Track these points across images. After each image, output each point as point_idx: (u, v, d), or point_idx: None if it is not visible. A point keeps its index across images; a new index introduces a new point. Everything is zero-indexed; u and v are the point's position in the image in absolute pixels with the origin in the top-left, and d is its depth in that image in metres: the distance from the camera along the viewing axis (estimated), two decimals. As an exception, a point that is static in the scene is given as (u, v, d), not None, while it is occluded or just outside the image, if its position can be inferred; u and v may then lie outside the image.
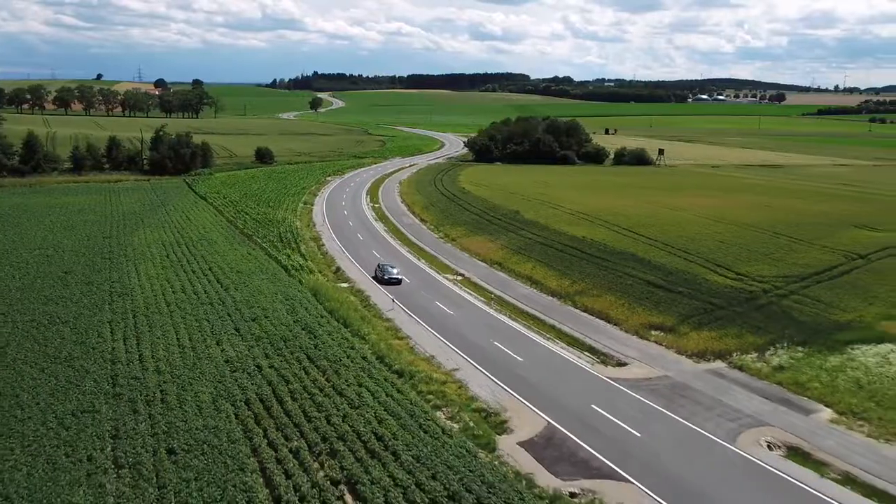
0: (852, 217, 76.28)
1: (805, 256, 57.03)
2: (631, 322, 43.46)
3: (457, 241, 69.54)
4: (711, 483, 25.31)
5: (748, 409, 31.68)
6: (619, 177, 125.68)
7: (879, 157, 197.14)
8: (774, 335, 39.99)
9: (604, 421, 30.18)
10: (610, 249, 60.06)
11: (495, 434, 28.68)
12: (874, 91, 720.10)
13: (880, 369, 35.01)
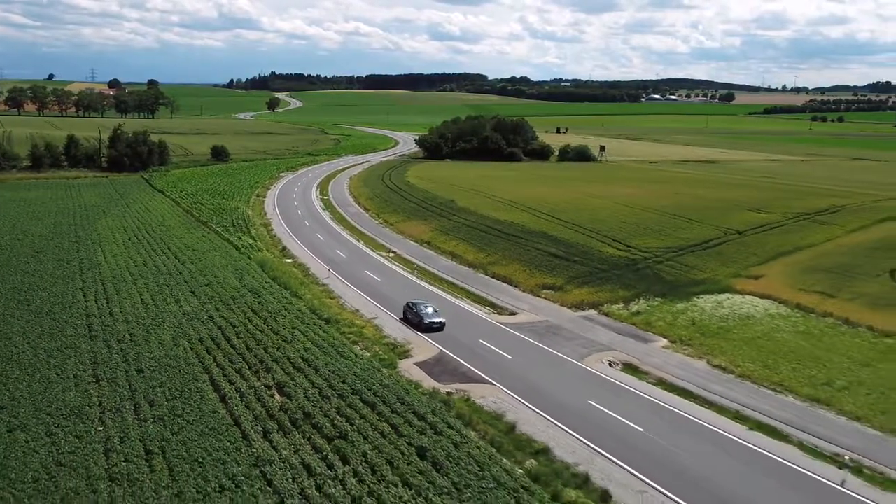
0: (749, 202, 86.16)
1: (690, 233, 66.35)
2: (528, 284, 51.90)
3: (394, 226, 77.39)
4: (554, 384, 33.63)
5: (602, 340, 40.26)
6: (556, 171, 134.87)
7: (811, 153, 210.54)
8: (640, 290, 48.84)
9: (486, 349, 38.40)
10: (526, 229, 68.58)
11: (398, 358, 36.64)
12: (821, 91, 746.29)
13: (713, 311, 44.02)
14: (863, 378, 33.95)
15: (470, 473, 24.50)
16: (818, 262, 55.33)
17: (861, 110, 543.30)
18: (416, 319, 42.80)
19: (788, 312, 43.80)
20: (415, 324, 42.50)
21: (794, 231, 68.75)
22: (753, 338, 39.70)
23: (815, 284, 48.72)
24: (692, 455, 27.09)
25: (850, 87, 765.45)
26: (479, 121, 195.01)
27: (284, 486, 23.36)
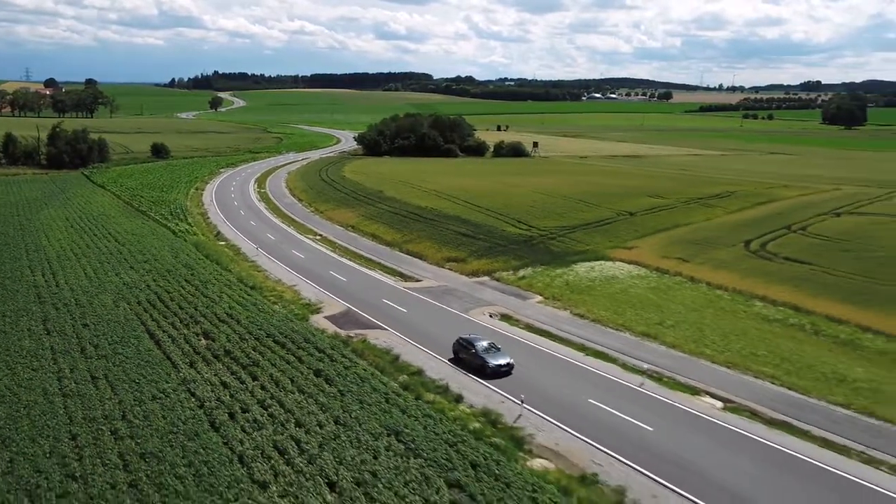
0: (651, 190, 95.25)
1: (587, 215, 74.59)
2: (436, 257, 59.04)
3: (324, 213, 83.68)
4: (438, 329, 40.64)
5: (488, 299, 47.61)
6: (486, 166, 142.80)
7: (733, 148, 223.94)
8: (529, 260, 56.49)
9: (387, 306, 45.29)
10: (442, 214, 75.81)
11: (310, 314, 43.21)
12: (755, 90, 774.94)
13: (585, 274, 51.92)
14: (688, 319, 42.06)
15: (354, 384, 31.33)
16: (687, 236, 64.06)
17: (791, 108, 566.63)
18: (475, 362, 34.44)
19: (647, 274, 52.02)
20: (475, 368, 34.23)
21: (680, 212, 77.75)
22: (612, 293, 47.64)
23: (676, 252, 57.20)
24: (536, 371, 34.47)
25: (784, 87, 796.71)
26: (417, 118, 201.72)
27: (204, 394, 29.78)
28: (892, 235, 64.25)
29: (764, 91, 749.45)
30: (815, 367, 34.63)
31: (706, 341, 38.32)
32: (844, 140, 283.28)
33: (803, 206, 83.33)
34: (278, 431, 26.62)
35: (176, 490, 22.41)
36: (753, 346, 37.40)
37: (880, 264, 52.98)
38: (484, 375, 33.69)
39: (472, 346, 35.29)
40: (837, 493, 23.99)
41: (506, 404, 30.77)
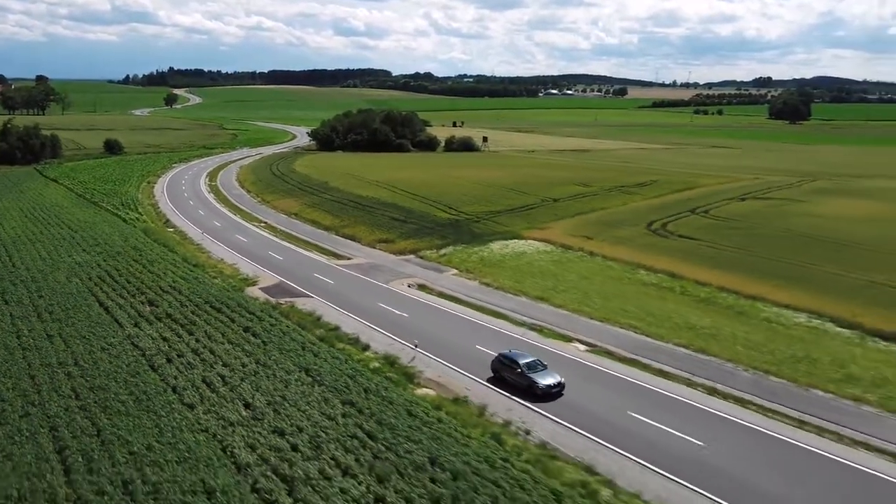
0: (580, 179, 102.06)
1: (514, 201, 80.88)
2: (368, 239, 64.64)
3: (270, 203, 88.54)
4: (359, 296, 46.24)
5: (408, 272, 53.41)
6: (434, 159, 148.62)
7: (676, 142, 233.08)
8: (452, 240, 62.47)
9: (317, 279, 50.77)
10: (380, 202, 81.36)
11: (246, 286, 48.45)
12: (708, 86, 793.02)
13: (498, 251, 58.12)
14: (578, 286, 48.42)
15: (276, 337, 36.82)
16: (599, 219, 70.77)
17: (742, 104, 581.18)
18: (521, 382, 31.49)
19: (552, 250, 58.45)
20: (522, 389, 31.25)
21: (601, 199, 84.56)
22: (518, 266, 53.88)
23: (584, 232, 63.77)
24: (438, 326, 40.34)
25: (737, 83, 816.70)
26: (370, 114, 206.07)
27: (146, 346, 34.97)
28: (779, 216, 71.88)
29: (717, 87, 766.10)
30: (672, 318, 41.21)
31: (588, 302, 44.67)
32: (785, 134, 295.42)
33: (715, 193, 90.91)
34: (207, 370, 32.00)
35: (118, 410, 27.67)
36: (627, 305, 43.88)
37: (758, 239, 60.24)
38: (534, 397, 30.59)
39: (515, 363, 32.12)
40: (661, 406, 30.17)
41: (405, 350, 36.56)
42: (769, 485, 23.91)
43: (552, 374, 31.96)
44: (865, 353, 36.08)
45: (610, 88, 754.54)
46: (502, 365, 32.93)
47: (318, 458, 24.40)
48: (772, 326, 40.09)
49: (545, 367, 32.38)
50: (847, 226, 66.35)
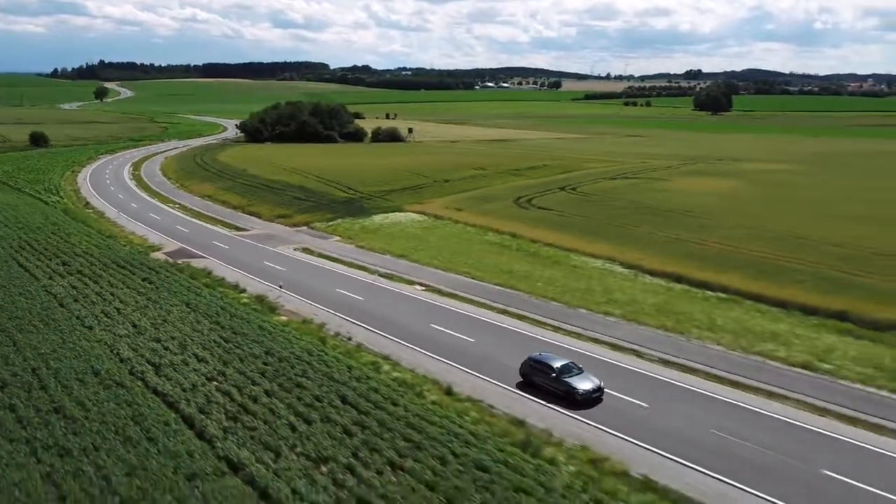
0: (479, 164, 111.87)
1: (410, 182, 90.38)
2: (269, 215, 73.17)
3: (187, 188, 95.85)
4: (247, 257, 54.91)
5: (297, 240, 62.30)
6: (358, 149, 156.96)
7: (596, 132, 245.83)
8: (342, 214, 71.59)
9: (215, 246, 59.17)
10: (288, 184, 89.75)
11: (151, 251, 56.55)
12: (640, 79, 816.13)
13: (379, 221, 67.60)
14: (436, 246, 58.17)
15: (168, 284, 45.25)
16: (477, 195, 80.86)
17: (671, 95, 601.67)
18: (557, 388, 29.52)
19: (425, 219, 68.23)
20: (558, 395, 29.35)
21: (489, 179, 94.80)
22: (392, 232, 63.41)
23: (457, 205, 73.72)
24: (307, 276, 49.34)
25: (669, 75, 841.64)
26: (298, 106, 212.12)
27: (58, 291, 42.99)
28: (635, 191, 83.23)
29: (651, 80, 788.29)
30: (498, 267, 51.28)
31: (438, 257, 54.44)
32: (704, 124, 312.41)
33: (594, 174, 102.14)
34: (106, 306, 40.34)
35: (31, 330, 35.85)
36: (468, 259, 53.80)
37: (603, 209, 71.16)
38: (575, 404, 28.66)
39: (548, 367, 30.13)
40: (458, 321, 39.74)
41: (273, 291, 45.55)
42: (515, 362, 33.26)
43: (589, 377, 29.77)
44: (633, 285, 46.82)
45: (546, 81, 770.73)
46: (533, 370, 30.67)
47: (183, 353, 33.26)
48: (574, 270, 50.61)
49: (581, 370, 30.18)
50: (687, 198, 77.87)
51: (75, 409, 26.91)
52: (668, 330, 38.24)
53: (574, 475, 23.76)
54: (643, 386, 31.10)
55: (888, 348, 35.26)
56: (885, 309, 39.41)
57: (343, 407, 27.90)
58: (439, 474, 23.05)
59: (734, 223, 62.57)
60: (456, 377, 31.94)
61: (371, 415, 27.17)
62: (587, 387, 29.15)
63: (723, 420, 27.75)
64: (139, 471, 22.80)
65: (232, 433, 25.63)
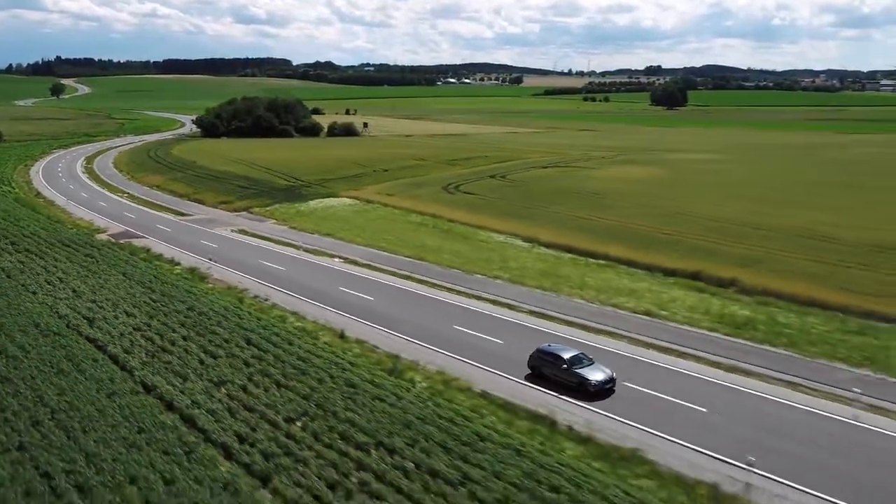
0: (422, 155, 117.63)
1: (350, 171, 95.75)
2: (213, 202, 78.03)
3: (138, 179, 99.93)
4: (186, 237, 59.90)
5: (235, 223, 67.38)
6: (311, 143, 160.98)
7: (549, 126, 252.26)
8: (281, 199, 76.82)
9: (158, 229, 64.00)
10: (233, 174, 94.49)
11: (96, 233, 61.20)
12: (601, 75, 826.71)
13: (314, 205, 72.99)
14: (362, 226, 63.80)
15: (109, 259, 50.13)
16: (410, 182, 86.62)
17: (631, 91, 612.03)
18: (569, 380, 29.33)
19: (356, 204, 73.83)
20: (570, 387, 29.15)
21: (426, 169, 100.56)
22: (324, 215, 68.86)
23: (389, 191, 79.39)
24: (238, 252, 54.55)
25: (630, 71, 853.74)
26: (254, 101, 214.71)
27: (6, 266, 47.61)
28: (558, 178, 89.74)
29: (613, 76, 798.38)
30: (413, 242, 57.09)
31: (361, 234, 60.10)
32: (657, 119, 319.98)
33: (529, 164, 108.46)
34: (50, 276, 45.19)
35: (-19, 295, 40.71)
36: (388, 236, 59.52)
37: (523, 193, 77.39)
38: (588, 396, 28.51)
39: (558, 358, 29.95)
40: (359, 283, 45.41)
41: (205, 264, 50.75)
42: (406, 315, 39.07)
43: (601, 367, 29.69)
44: (527, 255, 53.08)
45: (507, 77, 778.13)
46: (542, 361, 30.47)
47: (115, 310, 38.46)
48: (480, 244, 56.72)
49: (592, 361, 30.13)
50: (603, 183, 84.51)
51: (17, 351, 32.04)
52: (545, 289, 44.45)
53: (424, 389, 29.72)
54: (505, 329, 37.21)
55: (720, 299, 41.93)
56: (731, 270, 46.15)
57: (247, 347, 33.48)
58: (315, 389, 28.79)
59: (634, 203, 69.30)
60: (351, 326, 37.68)
61: (269, 352, 32.80)
62: (599, 377, 28.85)
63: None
64: (68, 391, 28.09)
65: (149, 366, 31.06)
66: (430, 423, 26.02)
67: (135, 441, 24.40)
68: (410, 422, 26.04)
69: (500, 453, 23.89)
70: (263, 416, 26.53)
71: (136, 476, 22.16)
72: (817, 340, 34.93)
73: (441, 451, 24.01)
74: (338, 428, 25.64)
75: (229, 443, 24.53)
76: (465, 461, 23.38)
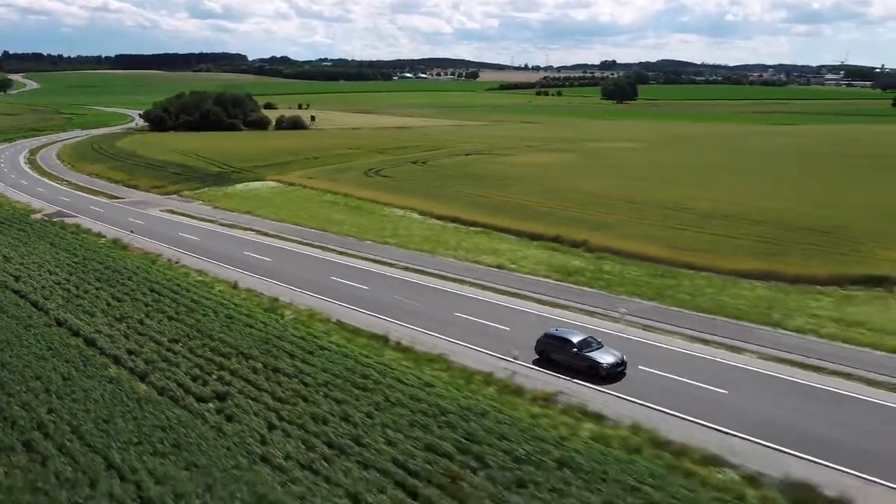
0: (357, 145, 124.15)
1: (281, 159, 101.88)
2: (146, 186, 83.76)
3: (79, 169, 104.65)
4: (114, 216, 65.75)
5: (165, 204, 73.31)
6: (256, 135, 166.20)
7: (495, 119, 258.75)
8: (210, 184, 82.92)
9: (90, 210, 69.63)
10: (170, 162, 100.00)
11: (32, 213, 66.68)
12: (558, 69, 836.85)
13: (241, 188, 79.30)
14: (280, 205, 70.31)
15: (40, 232, 55.95)
16: (334, 168, 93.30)
17: (585, 85, 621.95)
18: (579, 364, 29.35)
19: (279, 186, 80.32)
20: (581, 370, 29.17)
21: (355, 157, 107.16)
22: (247, 196, 75.24)
23: (312, 175, 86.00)
24: (161, 227, 60.66)
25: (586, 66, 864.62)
26: (202, 96, 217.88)
27: (-56, 238, 53.32)
28: (473, 164, 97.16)
29: (570, 70, 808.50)
30: (322, 217, 63.89)
31: (278, 212, 66.68)
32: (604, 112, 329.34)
33: (455, 151, 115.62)
34: (-16, 246, 51.02)
35: (-80, 261, 46.40)
36: (301, 213, 66.19)
37: (434, 177, 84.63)
38: (599, 379, 28.45)
39: (567, 342, 30.08)
40: (262, 249, 52.08)
41: (128, 236, 56.87)
42: (295, 271, 45.86)
43: (610, 350, 29.82)
44: (418, 226, 60.34)
45: (464, 72, 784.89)
46: (551, 346, 30.48)
47: (39, 270, 44.56)
48: (380, 218, 63.81)
49: (601, 344, 30.19)
50: (513, 168, 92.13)
51: (-50, 299, 38.13)
52: (423, 251, 51.74)
53: (291, 320, 36.71)
54: (374, 280, 44.39)
55: (566, 256, 49.66)
56: (585, 234, 53.89)
57: (149, 293, 40.05)
58: (200, 321, 35.54)
59: (530, 183, 77.09)
60: (245, 279, 44.45)
61: (167, 297, 39.44)
62: (611, 360, 28.87)
63: (420, 294, 41.16)
64: (-8, 325, 34.41)
65: (63, 307, 37.46)
66: (285, 340, 33.02)
67: (43, 355, 30.90)
68: (269, 339, 33.01)
69: (333, 357, 30.98)
70: (152, 339, 33.22)
71: (41, 375, 28.70)
72: (626, 283, 42.81)
73: (287, 356, 31.02)
74: (210, 344, 32.48)
75: (120, 355, 31.18)
76: (303, 362, 30.41)
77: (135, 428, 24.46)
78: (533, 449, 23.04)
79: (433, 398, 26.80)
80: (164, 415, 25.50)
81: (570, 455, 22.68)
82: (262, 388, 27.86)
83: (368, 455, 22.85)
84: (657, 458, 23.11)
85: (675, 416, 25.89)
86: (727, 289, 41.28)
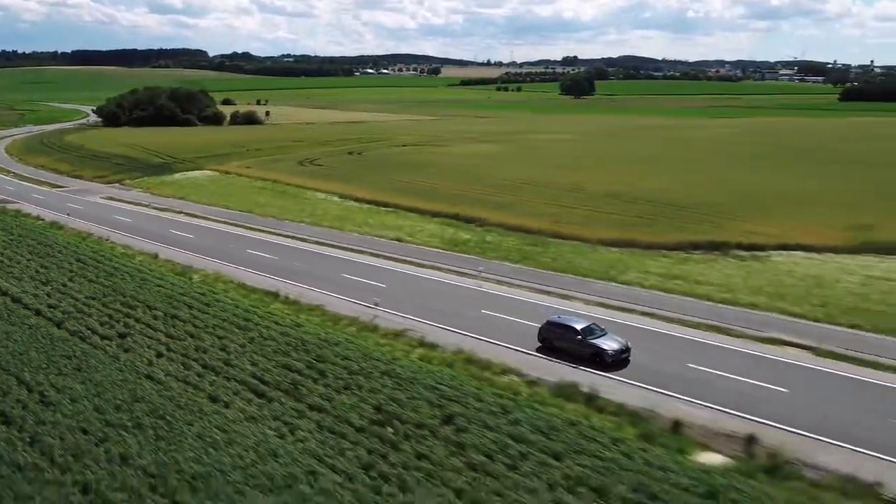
0: (301, 138, 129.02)
1: (223, 150, 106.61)
2: (89, 176, 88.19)
3: (26, 161, 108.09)
4: (56, 201, 70.30)
5: (106, 192, 77.97)
6: (206, 130, 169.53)
7: (450, 114, 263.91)
8: (151, 173, 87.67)
9: (33, 197, 74.01)
10: (116, 154, 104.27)
11: None
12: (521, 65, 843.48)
13: (180, 177, 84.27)
14: (212, 190, 75.52)
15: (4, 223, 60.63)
16: (272, 158, 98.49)
17: (546, 81, 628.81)
18: (584, 351, 29.47)
19: (215, 175, 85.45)
20: (585, 357, 29.24)
21: (298, 148, 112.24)
22: (184, 184, 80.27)
23: (249, 165, 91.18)
24: (98, 211, 65.50)
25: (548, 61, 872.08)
26: (156, 91, 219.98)
27: None
28: (409, 154, 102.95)
29: (533, 66, 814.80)
30: (249, 201, 69.27)
31: (208, 196, 71.92)
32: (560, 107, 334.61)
33: (392, 143, 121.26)
34: (-73, 227, 55.53)
35: None
36: (231, 198, 71.47)
37: (364, 165, 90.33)
38: (604, 366, 28.53)
39: (569, 329, 30.06)
40: (195, 230, 57.46)
41: (65, 219, 61.70)
42: (213, 245, 51.30)
43: (614, 337, 29.83)
44: (335, 207, 66.20)
45: (426, 67, 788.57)
46: (553, 334, 30.47)
47: (-23, 246, 49.49)
48: (303, 201, 69.50)
49: (605, 331, 30.17)
50: (442, 158, 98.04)
51: None
52: (333, 228, 57.63)
53: (199, 282, 42.34)
54: (283, 251, 50.21)
55: (458, 230, 55.90)
56: (482, 212, 60.21)
57: (76, 262, 45.33)
58: (117, 283, 40.95)
59: (453, 171, 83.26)
60: (165, 252, 49.90)
61: (90, 265, 44.76)
62: (615, 347, 28.99)
63: (317, 261, 47.02)
64: (-69, 288, 39.44)
65: (-4, 274, 42.57)
66: (188, 296, 38.70)
67: (-27, 309, 36.14)
68: (174, 295, 38.66)
69: (226, 307, 36.76)
70: (72, 297, 38.61)
71: (-30, 323, 34.02)
72: (501, 250, 49.25)
73: (186, 307, 36.70)
74: (121, 300, 38.01)
75: (41, 308, 36.54)
76: (199, 311, 36.12)
77: (45, 357, 29.99)
78: (367, 366, 29.11)
79: (300, 334, 32.78)
80: (71, 349, 31.05)
81: (394, 368, 28.83)
82: (159, 330, 33.55)
83: (234, 372, 28.74)
84: (465, 370, 29.35)
85: (492, 343, 32.19)
86: (586, 254, 47.86)
